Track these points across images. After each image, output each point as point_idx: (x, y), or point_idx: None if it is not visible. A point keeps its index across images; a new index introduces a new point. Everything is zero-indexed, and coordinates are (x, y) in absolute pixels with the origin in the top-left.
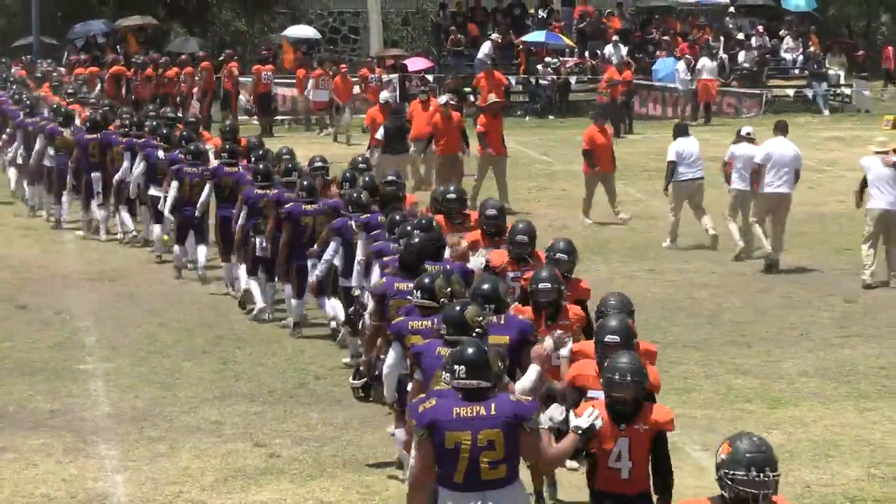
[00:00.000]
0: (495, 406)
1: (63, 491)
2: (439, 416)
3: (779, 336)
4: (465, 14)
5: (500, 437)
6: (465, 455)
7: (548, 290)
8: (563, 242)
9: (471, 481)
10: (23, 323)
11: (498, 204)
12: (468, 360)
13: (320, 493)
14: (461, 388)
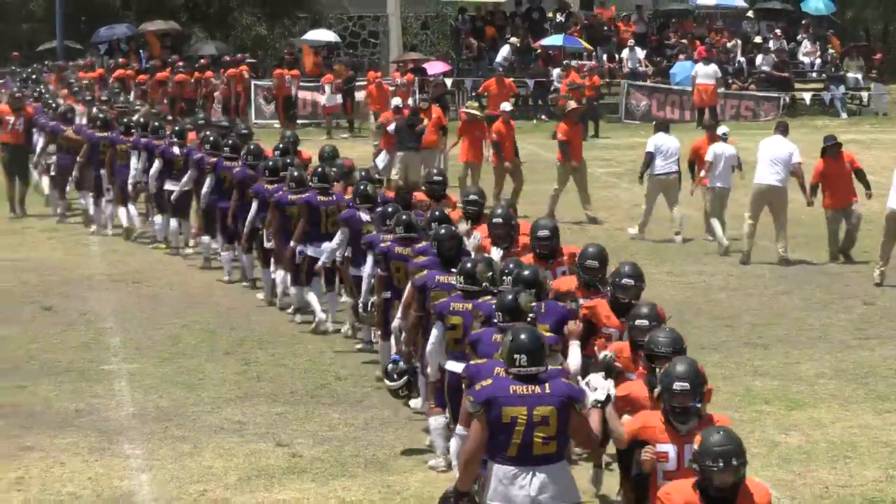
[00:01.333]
0: (550, 386)
1: (89, 489)
2: (496, 392)
3: (797, 338)
4: (484, 18)
5: (554, 414)
6: (520, 429)
7: (645, 328)
8: (628, 266)
9: (524, 455)
10: (49, 324)
11: (550, 224)
12: (528, 348)
13: (342, 492)
14: (522, 375)
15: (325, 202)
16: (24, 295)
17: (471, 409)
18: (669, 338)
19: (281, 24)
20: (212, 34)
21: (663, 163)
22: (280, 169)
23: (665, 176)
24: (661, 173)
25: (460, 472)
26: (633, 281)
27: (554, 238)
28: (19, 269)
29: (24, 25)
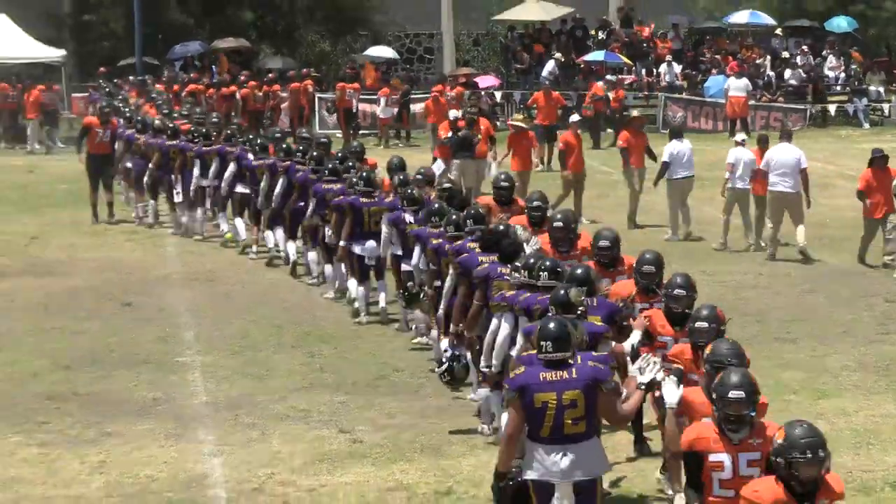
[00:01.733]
0: (576, 371)
1: (165, 472)
2: (528, 380)
3: (823, 333)
4: (532, 35)
5: (582, 397)
6: (550, 412)
7: (705, 330)
8: (680, 277)
9: (556, 435)
10: (128, 319)
11: (612, 235)
12: (553, 336)
13: (399, 476)
14: (550, 361)
15: (367, 203)
16: (106, 292)
17: (506, 396)
18: (732, 349)
19: (343, 41)
20: (279, 50)
21: (680, 168)
22: (340, 172)
23: (683, 180)
24: (679, 177)
25: (500, 453)
26: (684, 291)
27: (615, 248)
28: (101, 269)
29: (105, 43)
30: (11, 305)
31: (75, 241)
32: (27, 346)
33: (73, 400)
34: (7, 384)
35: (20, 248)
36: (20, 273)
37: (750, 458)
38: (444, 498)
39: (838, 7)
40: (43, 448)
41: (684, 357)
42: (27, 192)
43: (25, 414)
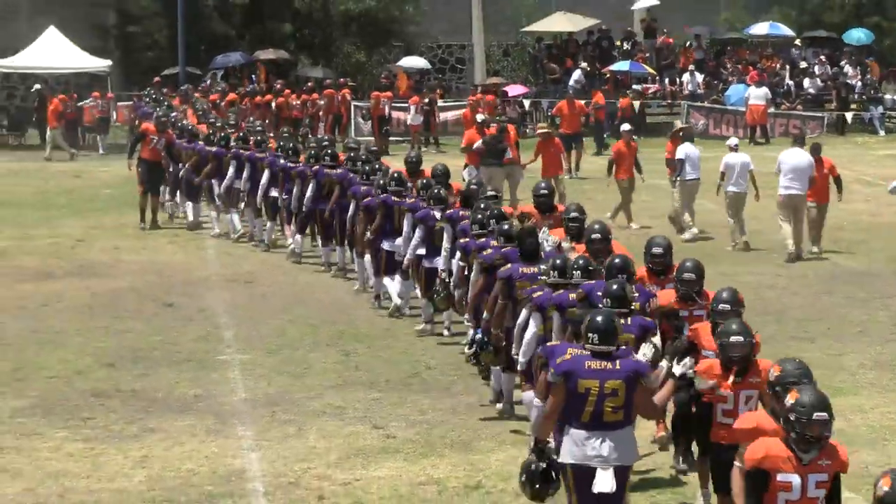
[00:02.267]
0: (620, 363)
1: (206, 467)
2: (574, 366)
3: (839, 332)
4: (560, 46)
5: (623, 387)
6: (592, 399)
7: (740, 345)
8: (726, 292)
9: (595, 422)
10: (170, 319)
11: (665, 242)
12: (601, 329)
13: (431, 470)
14: (596, 351)
15: (398, 202)
16: (148, 293)
17: (551, 380)
18: (801, 368)
19: (378, 51)
20: (316, 61)
21: (692, 170)
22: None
23: (694, 181)
24: (691, 179)
25: (539, 427)
26: (729, 307)
27: (668, 255)
28: (144, 271)
29: (149, 53)
30: (59, 306)
31: (119, 244)
32: (73, 344)
33: (117, 396)
34: (54, 381)
35: (67, 251)
36: (67, 275)
37: (818, 480)
38: (474, 492)
39: (854, 19)
40: (88, 443)
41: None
42: (73, 197)
43: (71, 410)
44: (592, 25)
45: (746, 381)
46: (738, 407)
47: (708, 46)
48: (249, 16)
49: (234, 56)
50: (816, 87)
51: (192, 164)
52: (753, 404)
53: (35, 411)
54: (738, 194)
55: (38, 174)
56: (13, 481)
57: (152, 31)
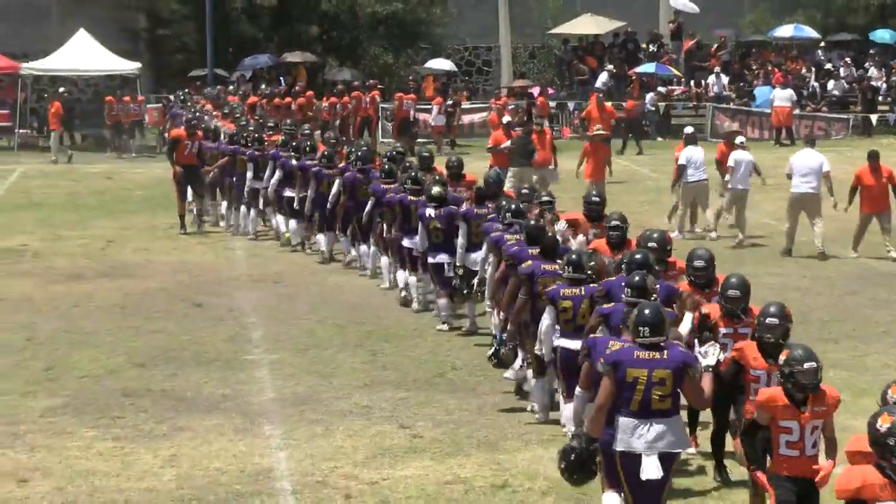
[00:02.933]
0: (668, 353)
1: (234, 465)
2: (623, 356)
3: (864, 333)
4: (586, 48)
5: (670, 376)
6: (640, 387)
7: (813, 371)
8: (774, 307)
9: (643, 409)
10: (199, 319)
11: (707, 254)
12: (651, 322)
13: (457, 470)
14: (645, 343)
15: (414, 201)
16: (178, 293)
17: (601, 369)
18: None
19: (405, 53)
20: (343, 63)
21: (694, 171)
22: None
23: (697, 183)
24: (693, 181)
25: (592, 420)
26: (777, 320)
27: (710, 268)
28: (174, 271)
29: (178, 56)
30: (90, 306)
31: (150, 245)
32: (105, 344)
33: (147, 396)
34: (85, 381)
35: (98, 252)
36: (98, 275)
37: None
38: (500, 491)
39: (879, 20)
40: (118, 442)
41: (776, 403)
42: (105, 198)
43: (102, 409)
44: (618, 28)
45: (813, 410)
46: (804, 438)
47: (733, 49)
48: (277, 18)
49: (262, 58)
50: (841, 89)
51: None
52: (818, 435)
53: (66, 410)
54: (743, 191)
55: (69, 175)
56: (44, 479)
57: (181, 34)
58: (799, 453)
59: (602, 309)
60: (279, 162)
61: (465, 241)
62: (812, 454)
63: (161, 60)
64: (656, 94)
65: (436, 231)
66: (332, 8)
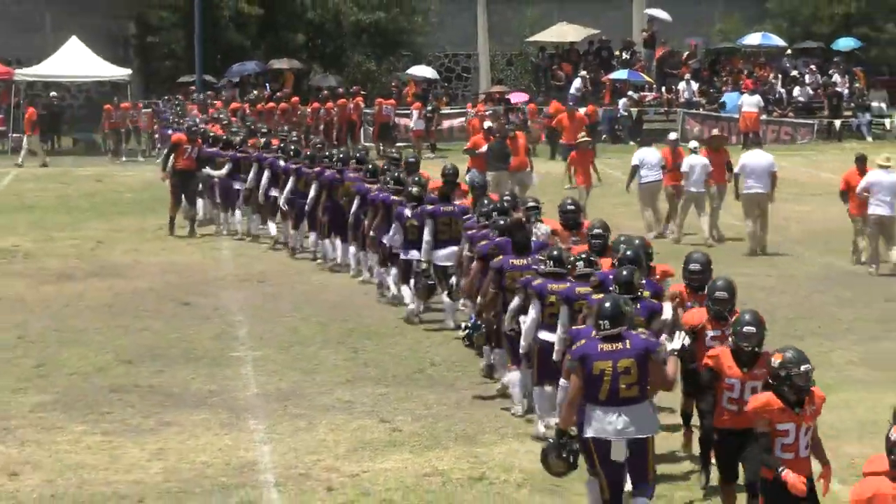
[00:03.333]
0: (630, 342)
1: (219, 459)
2: (588, 350)
3: (828, 331)
4: (561, 55)
5: (634, 364)
6: (607, 378)
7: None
8: (748, 314)
9: (612, 399)
10: (186, 318)
11: (703, 258)
12: (609, 314)
13: (436, 462)
14: (607, 335)
15: (396, 200)
16: (166, 293)
17: (568, 365)
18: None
19: (387, 60)
20: (328, 70)
21: (648, 172)
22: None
23: (650, 183)
24: (647, 181)
25: (563, 414)
26: (754, 329)
27: (706, 272)
28: (162, 271)
29: (167, 63)
30: (80, 305)
31: (139, 246)
32: (94, 342)
33: (135, 392)
34: (75, 377)
35: (88, 253)
36: (88, 275)
37: None
38: (477, 483)
39: (843, 29)
40: (106, 436)
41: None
42: (95, 201)
43: (90, 405)
44: (593, 35)
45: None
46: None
47: (703, 56)
48: (264, 26)
49: (250, 65)
50: (807, 95)
51: None
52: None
53: (56, 406)
54: (699, 194)
55: (61, 178)
56: (34, 473)
57: (170, 42)
58: (793, 456)
59: (592, 300)
60: (266, 162)
61: (430, 238)
62: (805, 456)
63: (150, 67)
64: (629, 100)
65: (412, 229)
66: (318, 17)
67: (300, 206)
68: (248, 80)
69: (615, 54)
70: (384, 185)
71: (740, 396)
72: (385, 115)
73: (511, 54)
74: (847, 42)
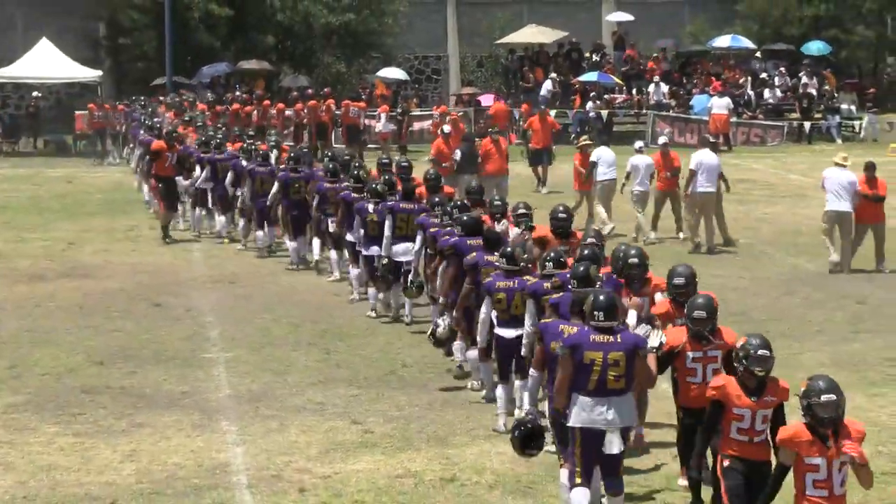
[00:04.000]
0: (621, 337)
1: (191, 460)
2: (580, 339)
3: (798, 332)
4: (531, 58)
5: (623, 358)
6: (597, 369)
7: (834, 405)
8: (756, 339)
9: (600, 389)
10: (158, 319)
11: (687, 271)
12: (605, 307)
13: (408, 464)
14: (600, 327)
15: (356, 198)
16: (138, 293)
17: (560, 352)
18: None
19: (357, 62)
20: (298, 71)
21: (606, 170)
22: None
23: (607, 182)
24: (604, 180)
25: (556, 398)
26: (768, 352)
27: (690, 285)
28: (133, 272)
29: (139, 64)
30: (51, 306)
31: (109, 247)
32: (65, 343)
33: (107, 393)
34: (46, 378)
35: (59, 253)
36: (59, 276)
37: None
38: (449, 484)
39: (813, 32)
40: (78, 437)
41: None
42: (66, 202)
43: (63, 406)
44: (563, 38)
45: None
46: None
47: (673, 58)
48: (234, 28)
49: (220, 66)
50: (776, 98)
51: None
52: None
53: (28, 407)
54: (643, 193)
55: (31, 179)
56: (6, 474)
57: (141, 43)
58: (828, 493)
59: (553, 299)
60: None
61: (390, 233)
62: (841, 493)
63: (121, 68)
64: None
65: (372, 224)
66: (287, 19)
67: (260, 206)
68: (219, 81)
69: (585, 56)
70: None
71: (751, 426)
72: (352, 117)
73: (481, 56)
74: (817, 45)
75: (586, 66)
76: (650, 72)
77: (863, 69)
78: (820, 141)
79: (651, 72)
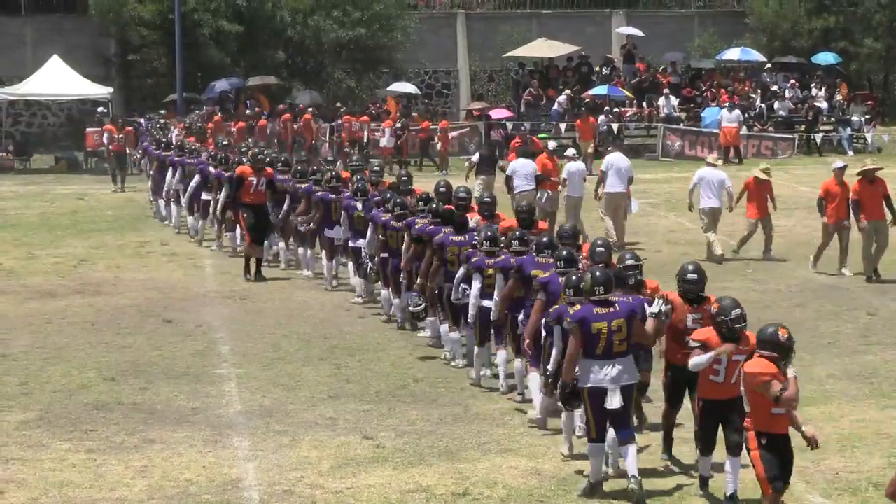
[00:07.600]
0: (619, 305)
1: (203, 476)
2: (586, 314)
3: (810, 344)
4: (541, 72)
5: (624, 323)
6: (604, 336)
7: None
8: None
9: (607, 353)
10: (169, 335)
11: (698, 268)
12: (604, 282)
13: (419, 479)
14: (601, 300)
15: (335, 199)
16: (148, 309)
17: (567, 327)
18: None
19: (367, 77)
20: (308, 87)
21: (521, 182)
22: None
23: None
24: (522, 191)
25: (564, 369)
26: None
27: (701, 282)
28: (144, 288)
29: (149, 81)
30: (63, 322)
31: (120, 263)
32: (77, 359)
33: (118, 409)
34: (58, 395)
35: (70, 270)
36: (70, 292)
37: None
38: (461, 499)
39: (822, 44)
40: (90, 454)
41: None
42: (77, 218)
43: (74, 422)
44: (572, 52)
45: None
46: None
47: (683, 71)
48: (244, 44)
49: (232, 81)
50: (787, 110)
51: None
52: None
53: (40, 424)
54: (578, 199)
55: (43, 197)
56: (18, 491)
57: (151, 60)
58: None
59: (541, 279)
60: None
61: None
62: None
63: (132, 85)
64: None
65: (359, 219)
66: (297, 34)
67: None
68: (228, 97)
69: (595, 70)
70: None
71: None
72: (355, 131)
73: (491, 70)
74: (826, 57)
75: (596, 80)
76: (660, 85)
77: (874, 81)
78: (831, 153)
79: (661, 85)
